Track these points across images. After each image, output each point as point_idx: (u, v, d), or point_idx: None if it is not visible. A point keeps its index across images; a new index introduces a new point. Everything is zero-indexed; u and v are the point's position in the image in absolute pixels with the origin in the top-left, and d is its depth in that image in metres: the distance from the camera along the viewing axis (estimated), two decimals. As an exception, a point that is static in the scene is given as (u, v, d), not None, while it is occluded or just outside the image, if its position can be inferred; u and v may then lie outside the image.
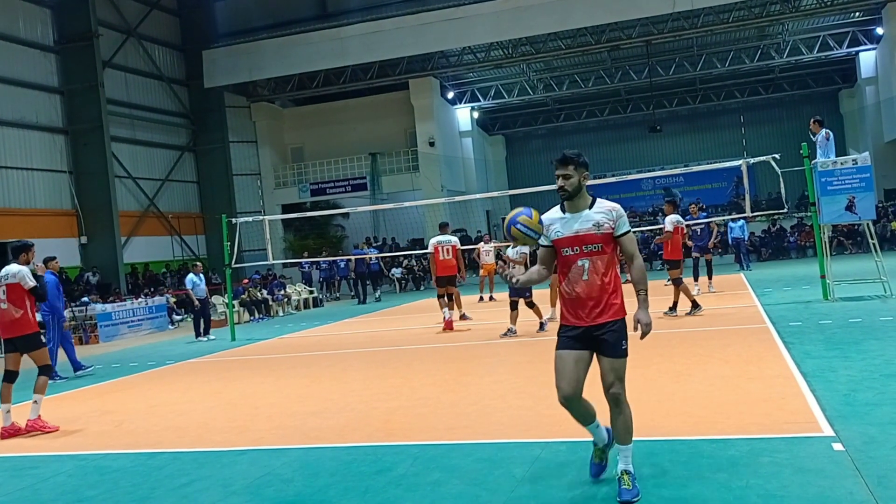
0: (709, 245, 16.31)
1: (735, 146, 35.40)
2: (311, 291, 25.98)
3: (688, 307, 12.27)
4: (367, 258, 23.90)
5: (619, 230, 4.31)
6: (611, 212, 4.32)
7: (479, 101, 35.13)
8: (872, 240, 13.32)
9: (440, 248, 13.56)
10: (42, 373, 7.68)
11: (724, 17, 27.66)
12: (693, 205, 17.28)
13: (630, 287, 4.29)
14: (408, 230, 30.72)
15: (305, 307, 24.71)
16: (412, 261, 29.88)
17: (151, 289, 24.66)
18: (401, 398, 7.76)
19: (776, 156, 13.42)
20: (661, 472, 4.57)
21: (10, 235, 23.08)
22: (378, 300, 24.34)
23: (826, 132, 13.26)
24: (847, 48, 30.76)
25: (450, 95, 34.25)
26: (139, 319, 20.41)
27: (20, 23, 24.36)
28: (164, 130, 30.23)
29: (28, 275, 7.70)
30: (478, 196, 26.90)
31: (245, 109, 32.85)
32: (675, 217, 12.68)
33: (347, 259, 25.18)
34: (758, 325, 10.49)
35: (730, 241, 23.47)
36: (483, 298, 19.99)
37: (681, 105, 36.47)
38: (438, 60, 30.90)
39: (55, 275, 12.12)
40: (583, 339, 4.31)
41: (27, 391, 7.81)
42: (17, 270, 7.68)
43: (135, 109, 28.55)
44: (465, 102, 35.12)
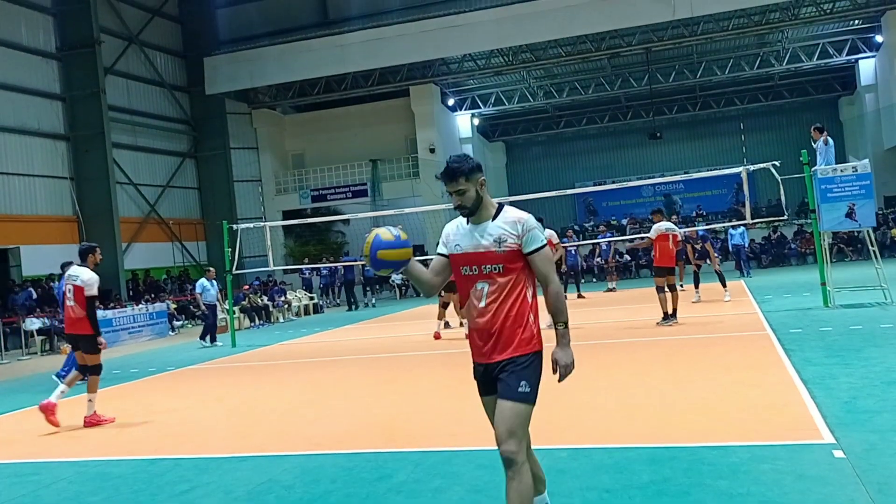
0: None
1: (735, 153, 35.42)
2: (312, 298, 25.99)
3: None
4: (359, 265, 23.89)
5: (528, 247, 3.52)
6: (516, 224, 3.54)
7: (480, 108, 35.19)
8: (873, 247, 13.33)
9: None
10: (92, 373, 8.11)
11: (724, 25, 27.75)
12: (569, 230, 17.42)
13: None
14: (408, 237, 30.67)
15: (306, 313, 24.73)
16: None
17: (152, 295, 24.67)
18: (402, 404, 7.76)
19: (776, 163, 13.45)
20: (663, 480, 4.57)
21: (12, 241, 23.18)
22: (373, 306, 24.32)
23: (826, 139, 13.29)
24: (847, 56, 30.84)
25: (450, 102, 34.32)
26: (140, 326, 20.42)
27: (23, 30, 24.43)
28: (166, 137, 30.29)
29: (94, 285, 8.12)
30: (478, 202, 26.85)
31: (246, 116, 32.93)
32: (663, 225, 12.55)
33: (344, 266, 25.19)
34: (758, 332, 10.48)
35: (730, 248, 23.48)
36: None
37: (681, 112, 36.53)
38: (439, 67, 30.99)
39: None
40: (488, 382, 3.61)
41: (36, 396, 7.81)
42: (88, 277, 8.11)
43: (136, 116, 28.61)
44: (466, 109, 35.19)
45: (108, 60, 26.76)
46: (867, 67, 30.96)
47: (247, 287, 23.42)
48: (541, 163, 38.86)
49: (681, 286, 15.81)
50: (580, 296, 19.99)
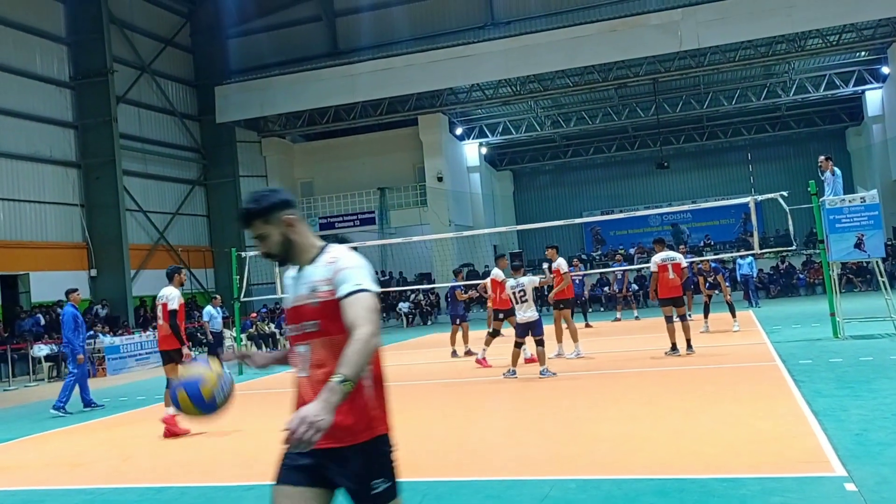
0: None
1: (743, 183, 35.44)
2: (319, 325, 25.96)
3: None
4: None
5: (340, 291, 2.69)
6: (329, 266, 2.77)
7: (488, 137, 35.40)
8: (882, 277, 13.27)
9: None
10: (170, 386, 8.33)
11: (731, 56, 27.90)
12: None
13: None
14: (415, 264, 30.77)
15: (313, 341, 24.67)
16: (419, 295, 29.85)
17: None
18: (408, 434, 7.71)
19: (784, 193, 13.45)
20: (672, 512, 4.53)
21: (21, 268, 23.30)
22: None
23: (832, 169, 13.31)
24: (853, 87, 30.93)
25: (458, 131, 34.55)
26: (147, 353, 20.41)
27: (37, 59, 24.79)
28: (176, 165, 30.55)
29: (176, 299, 8.82)
30: (485, 231, 27.02)
31: (256, 144, 33.20)
32: (659, 256, 12.45)
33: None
34: (767, 363, 10.42)
35: (738, 278, 23.39)
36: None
37: (688, 142, 36.62)
38: (447, 97, 31.24)
39: (75, 307, 12.20)
40: (312, 471, 2.75)
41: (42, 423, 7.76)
42: (170, 292, 8.84)
43: (147, 144, 28.88)
44: (474, 138, 35.39)
45: (121, 89, 27.10)
46: (874, 98, 31.07)
47: (254, 314, 23.44)
48: (548, 191, 38.95)
49: (689, 316, 15.74)
50: (588, 325, 19.93)
